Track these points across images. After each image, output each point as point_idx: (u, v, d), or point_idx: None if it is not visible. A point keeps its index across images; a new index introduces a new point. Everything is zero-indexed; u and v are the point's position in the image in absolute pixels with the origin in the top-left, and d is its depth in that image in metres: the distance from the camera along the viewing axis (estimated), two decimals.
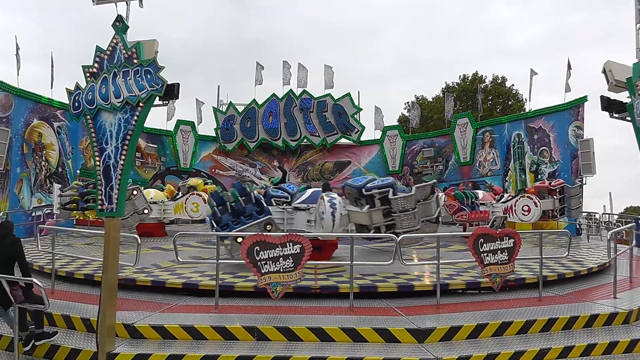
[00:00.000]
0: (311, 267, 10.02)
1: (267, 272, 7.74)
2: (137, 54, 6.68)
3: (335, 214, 11.53)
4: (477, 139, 27.87)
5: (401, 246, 8.82)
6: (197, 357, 6.58)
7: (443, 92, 45.10)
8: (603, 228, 22.61)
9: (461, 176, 28.60)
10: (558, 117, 23.04)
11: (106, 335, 6.56)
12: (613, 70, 8.20)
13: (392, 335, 7.19)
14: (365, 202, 12.40)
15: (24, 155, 20.43)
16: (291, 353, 6.68)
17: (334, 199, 11.78)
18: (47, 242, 12.88)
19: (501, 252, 8.57)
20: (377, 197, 12.17)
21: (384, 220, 12.23)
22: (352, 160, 32.51)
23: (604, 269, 12.10)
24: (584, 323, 8.03)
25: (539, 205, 18.04)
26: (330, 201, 11.72)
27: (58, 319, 7.89)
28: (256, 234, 7.99)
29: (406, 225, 12.10)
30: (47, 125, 21.96)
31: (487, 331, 7.51)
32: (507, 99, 45.27)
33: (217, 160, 31.92)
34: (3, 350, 7.34)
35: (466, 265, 10.73)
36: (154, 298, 9.14)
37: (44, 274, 10.81)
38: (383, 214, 12.22)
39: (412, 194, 12.25)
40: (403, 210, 12.10)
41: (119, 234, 7.08)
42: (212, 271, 9.50)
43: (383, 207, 12.16)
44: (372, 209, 12.21)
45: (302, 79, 31.71)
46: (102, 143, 6.87)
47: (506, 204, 19.01)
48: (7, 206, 19.36)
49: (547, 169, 23.26)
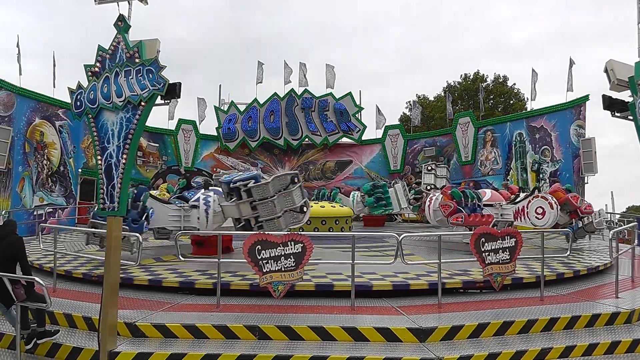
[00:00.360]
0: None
1: (269, 271, 7.76)
2: (139, 53, 6.70)
3: (208, 211, 13.02)
4: (479, 138, 27.88)
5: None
6: (199, 356, 6.59)
7: (444, 91, 45.14)
8: (605, 227, 22.59)
9: (463, 175, 28.58)
10: (559, 116, 23.05)
11: (108, 333, 6.57)
12: (615, 69, 8.19)
13: (394, 334, 7.19)
14: (234, 195, 13.04)
15: (25, 154, 20.48)
16: (292, 352, 6.68)
17: (209, 197, 13.23)
18: (49, 241, 12.92)
19: (503, 251, 8.57)
20: (243, 189, 12.70)
21: (252, 212, 12.78)
22: (354, 159, 32.53)
23: (605, 268, 12.09)
24: (585, 323, 8.02)
25: (555, 208, 14.49)
26: (205, 199, 13.19)
27: (60, 317, 7.91)
28: (258, 232, 7.98)
29: (267, 214, 12.66)
30: (49, 124, 22.02)
31: (488, 330, 7.51)
32: (508, 98, 45.26)
33: (219, 159, 31.96)
34: (5, 348, 7.35)
35: (467, 265, 10.73)
36: (155, 297, 9.14)
37: (45, 272, 10.83)
38: (251, 206, 12.74)
39: (268, 181, 12.71)
40: (262, 199, 12.61)
41: (120, 232, 7.09)
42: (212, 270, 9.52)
43: (249, 198, 12.69)
44: (239, 202, 12.81)
45: (303, 78, 31.78)
46: (104, 142, 6.88)
47: (517, 206, 15.75)
48: (9, 205, 19.41)
49: (549, 168, 23.26)
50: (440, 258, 8.84)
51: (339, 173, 32.45)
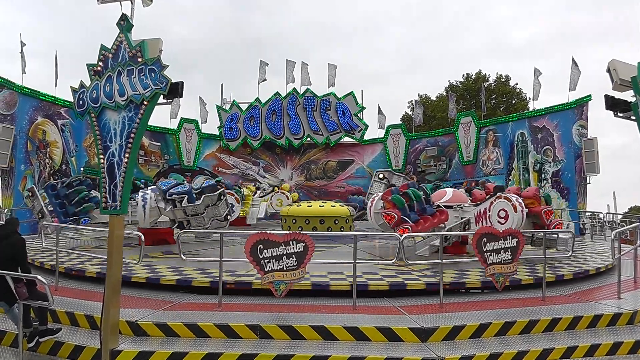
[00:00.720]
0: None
1: (271, 271, 7.77)
2: (142, 53, 6.72)
3: (145, 207, 14.38)
4: (481, 138, 27.84)
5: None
6: (200, 355, 6.59)
7: (446, 91, 45.09)
8: (607, 228, 22.58)
9: (464, 175, 28.56)
10: (562, 116, 23.00)
11: (110, 332, 6.58)
12: (617, 69, 8.18)
13: (395, 334, 7.19)
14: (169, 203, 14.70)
15: (28, 152, 20.53)
16: (294, 351, 6.69)
17: (146, 194, 14.57)
18: (52, 239, 12.95)
19: (504, 251, 8.56)
20: (177, 200, 14.52)
21: (185, 216, 14.62)
22: (355, 158, 32.52)
23: (608, 269, 12.07)
24: (587, 323, 8.02)
25: (519, 211, 12.58)
26: (143, 196, 14.56)
27: (62, 315, 7.92)
28: (259, 232, 7.98)
29: (197, 225, 14.63)
30: (51, 123, 22.08)
31: (490, 331, 7.51)
32: (510, 98, 45.20)
33: (221, 158, 31.97)
34: (8, 346, 7.37)
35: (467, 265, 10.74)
36: (157, 295, 9.14)
37: (47, 270, 10.84)
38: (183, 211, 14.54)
39: (199, 204, 14.50)
40: (194, 214, 14.55)
41: (122, 231, 7.09)
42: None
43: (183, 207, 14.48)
44: (174, 209, 14.60)
45: (305, 78, 31.78)
46: (107, 141, 6.90)
47: (479, 208, 13.66)
48: (12, 203, 19.48)
49: (551, 168, 23.23)
50: (442, 258, 8.84)
51: (340, 172, 32.44)
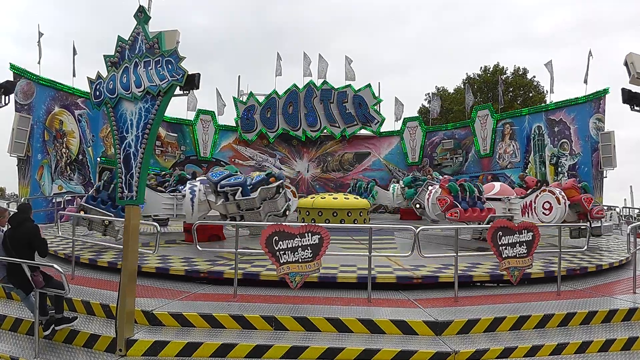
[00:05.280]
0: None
1: (286, 262, 7.78)
2: (159, 44, 6.73)
3: (194, 200, 13.31)
4: (497, 131, 27.66)
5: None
6: (215, 345, 6.63)
7: (464, 83, 44.81)
8: (623, 222, 22.35)
9: (481, 168, 28.42)
10: (579, 109, 22.79)
11: (125, 321, 6.63)
12: (635, 62, 8.10)
13: (410, 327, 7.18)
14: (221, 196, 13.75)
15: (45, 142, 20.69)
16: (308, 343, 6.71)
17: (195, 187, 13.55)
18: (68, 228, 13.06)
19: (520, 245, 8.50)
20: (230, 192, 13.55)
21: (238, 211, 13.69)
22: (372, 151, 32.49)
23: (623, 263, 11.97)
24: (602, 318, 7.95)
25: (563, 203, 13.36)
26: (191, 188, 13.53)
27: (78, 304, 8.00)
28: (275, 224, 8.00)
29: (251, 219, 13.66)
30: (68, 113, 22.24)
31: (504, 325, 7.47)
32: (527, 91, 44.82)
33: (237, 149, 32.05)
34: (24, 334, 7.46)
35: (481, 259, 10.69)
36: (173, 286, 9.21)
37: (64, 259, 10.95)
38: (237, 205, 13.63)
39: (255, 197, 13.60)
40: (249, 209, 13.61)
41: (138, 221, 7.14)
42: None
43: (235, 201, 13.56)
44: (226, 202, 13.63)
45: (322, 70, 31.70)
46: (123, 132, 6.94)
47: (525, 200, 14.58)
48: (29, 192, 19.66)
49: (568, 161, 23.05)
50: (457, 252, 8.81)
51: (357, 165, 32.42)
